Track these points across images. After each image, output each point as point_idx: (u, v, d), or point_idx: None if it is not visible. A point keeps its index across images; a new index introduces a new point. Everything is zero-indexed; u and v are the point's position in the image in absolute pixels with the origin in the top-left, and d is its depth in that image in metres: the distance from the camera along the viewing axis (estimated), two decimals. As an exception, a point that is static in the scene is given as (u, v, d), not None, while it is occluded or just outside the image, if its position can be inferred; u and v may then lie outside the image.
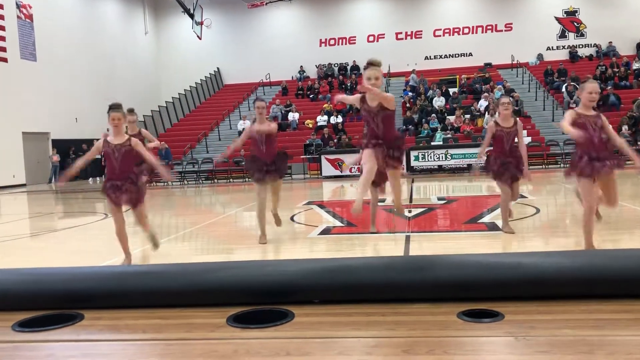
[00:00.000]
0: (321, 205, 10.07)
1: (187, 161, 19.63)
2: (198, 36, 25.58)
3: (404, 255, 3.41)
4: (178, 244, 6.89)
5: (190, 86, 26.74)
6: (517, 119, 5.74)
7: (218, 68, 28.55)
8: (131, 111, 7.04)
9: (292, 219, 7.65)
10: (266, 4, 25.05)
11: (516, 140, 5.59)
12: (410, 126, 20.44)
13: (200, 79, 27.47)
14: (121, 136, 4.74)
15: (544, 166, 16.33)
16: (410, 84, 24.50)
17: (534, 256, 3.12)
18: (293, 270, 2.90)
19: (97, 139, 7.04)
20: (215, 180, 18.29)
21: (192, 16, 24.72)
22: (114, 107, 4.70)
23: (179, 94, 26.14)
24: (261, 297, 2.86)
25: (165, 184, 17.00)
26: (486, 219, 7.33)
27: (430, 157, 16.56)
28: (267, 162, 5.74)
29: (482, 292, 2.69)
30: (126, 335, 2.59)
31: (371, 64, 4.19)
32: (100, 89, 23.86)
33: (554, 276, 2.65)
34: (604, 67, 23.40)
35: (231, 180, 17.98)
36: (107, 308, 2.91)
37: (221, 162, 16.46)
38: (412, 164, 16.17)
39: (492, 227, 6.64)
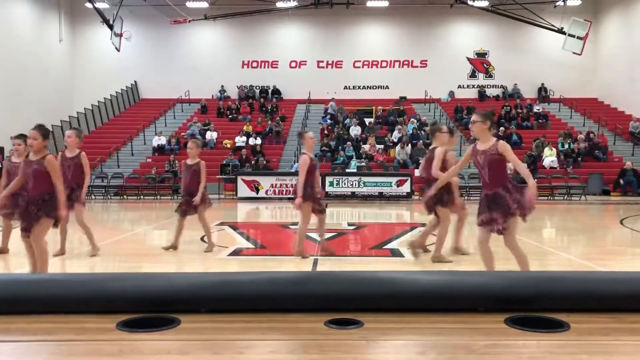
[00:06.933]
0: (234, 226, 10.22)
1: (96, 175, 19.08)
2: (116, 48, 24.99)
3: (284, 271, 3.79)
4: (81, 260, 6.78)
5: (104, 98, 26.03)
6: None
7: (135, 81, 28.02)
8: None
9: (202, 239, 7.67)
10: (189, 21, 25.02)
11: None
12: (327, 152, 21.11)
13: (116, 91, 26.82)
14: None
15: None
16: (329, 111, 25.33)
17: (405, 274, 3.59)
18: (180, 282, 3.18)
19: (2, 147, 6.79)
20: (125, 197, 17.93)
21: (111, 27, 24.19)
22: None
23: (92, 105, 25.37)
24: (152, 306, 3.11)
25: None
26: (391, 245, 7.77)
27: (345, 183, 17.22)
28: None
29: (347, 304, 3.10)
30: (17, 337, 2.74)
31: None
32: (8, 94, 22.77)
33: (408, 291, 3.11)
34: (508, 107, 25.38)
35: (142, 197, 17.72)
36: (2, 314, 3.03)
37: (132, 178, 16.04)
38: (327, 190, 16.71)
39: (396, 253, 7.06)
